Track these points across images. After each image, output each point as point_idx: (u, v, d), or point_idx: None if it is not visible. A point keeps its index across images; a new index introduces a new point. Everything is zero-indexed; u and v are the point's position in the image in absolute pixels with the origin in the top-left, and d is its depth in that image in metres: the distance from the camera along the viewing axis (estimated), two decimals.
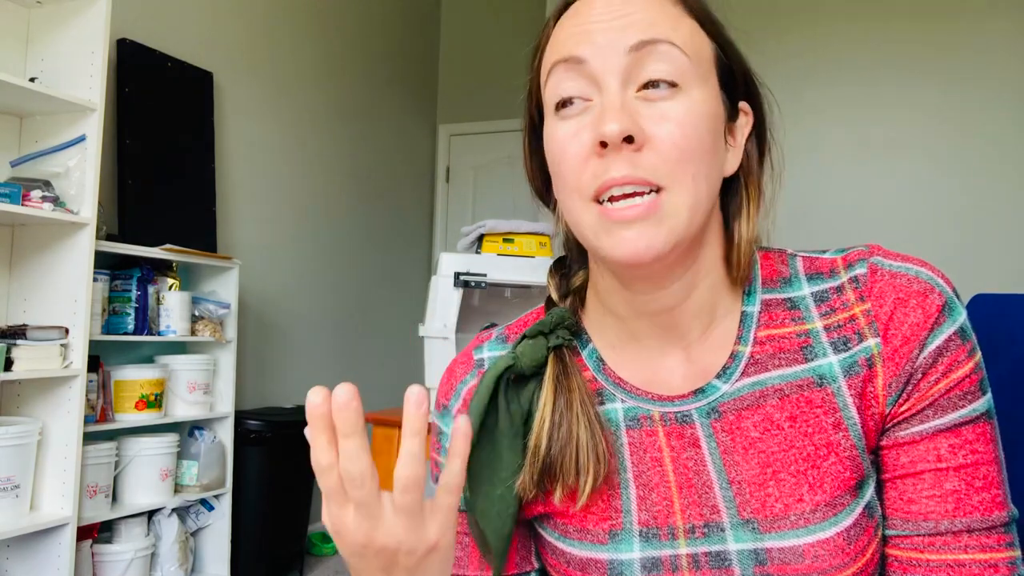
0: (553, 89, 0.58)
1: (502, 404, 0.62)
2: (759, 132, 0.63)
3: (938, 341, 0.56)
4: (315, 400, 0.47)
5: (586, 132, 0.55)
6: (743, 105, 0.62)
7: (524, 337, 0.64)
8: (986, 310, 1.14)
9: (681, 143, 0.54)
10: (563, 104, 0.57)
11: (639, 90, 0.55)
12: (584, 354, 0.66)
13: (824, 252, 0.64)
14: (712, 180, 0.57)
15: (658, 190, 0.54)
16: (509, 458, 0.62)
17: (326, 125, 3.74)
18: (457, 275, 1.81)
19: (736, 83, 0.60)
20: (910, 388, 0.57)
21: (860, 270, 0.60)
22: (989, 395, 0.58)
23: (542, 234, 1.98)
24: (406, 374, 4.31)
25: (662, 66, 0.55)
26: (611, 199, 0.55)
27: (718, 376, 0.61)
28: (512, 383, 0.62)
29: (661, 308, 0.61)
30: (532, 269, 1.90)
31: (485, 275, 1.83)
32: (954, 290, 0.58)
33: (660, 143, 0.54)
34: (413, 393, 0.48)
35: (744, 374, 0.60)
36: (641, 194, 0.54)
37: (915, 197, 2.93)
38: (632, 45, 0.55)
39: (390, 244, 4.25)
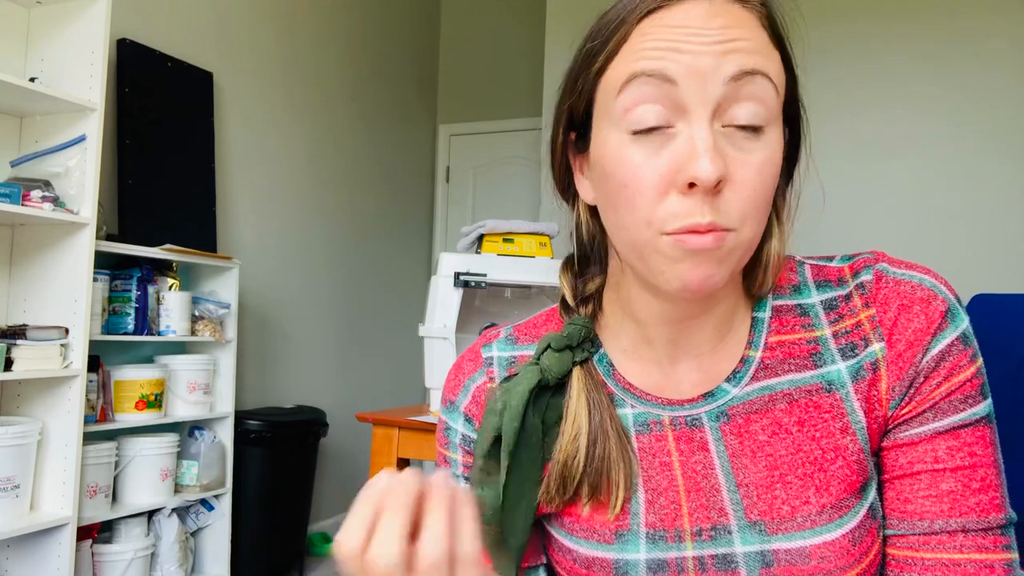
0: (630, 104, 0.53)
1: (529, 416, 0.62)
2: (791, 153, 0.63)
3: (941, 346, 0.57)
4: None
5: (666, 164, 0.53)
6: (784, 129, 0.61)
7: (548, 347, 0.63)
8: (986, 310, 1.14)
9: (759, 189, 0.53)
10: (640, 126, 0.54)
11: (725, 125, 0.53)
12: (594, 359, 0.66)
13: (831, 260, 0.65)
14: (767, 216, 0.57)
15: (727, 230, 0.53)
16: (533, 470, 0.62)
17: (326, 125, 3.74)
18: (457, 275, 1.81)
19: (788, 109, 0.60)
20: (912, 391, 0.58)
21: (866, 277, 0.61)
22: (989, 400, 0.58)
23: (542, 234, 1.98)
24: (406, 374, 4.31)
25: (754, 106, 0.53)
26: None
27: (728, 380, 0.62)
28: (535, 394, 0.63)
29: (686, 315, 0.61)
30: (532, 269, 1.90)
31: (485, 275, 1.83)
32: (957, 297, 0.59)
33: (740, 188, 0.53)
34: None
35: (754, 378, 0.61)
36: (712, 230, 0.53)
37: (915, 197, 2.93)
38: (733, 75, 0.51)
39: (390, 244, 4.25)
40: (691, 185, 0.52)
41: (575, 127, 0.62)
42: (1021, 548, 0.58)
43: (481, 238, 1.96)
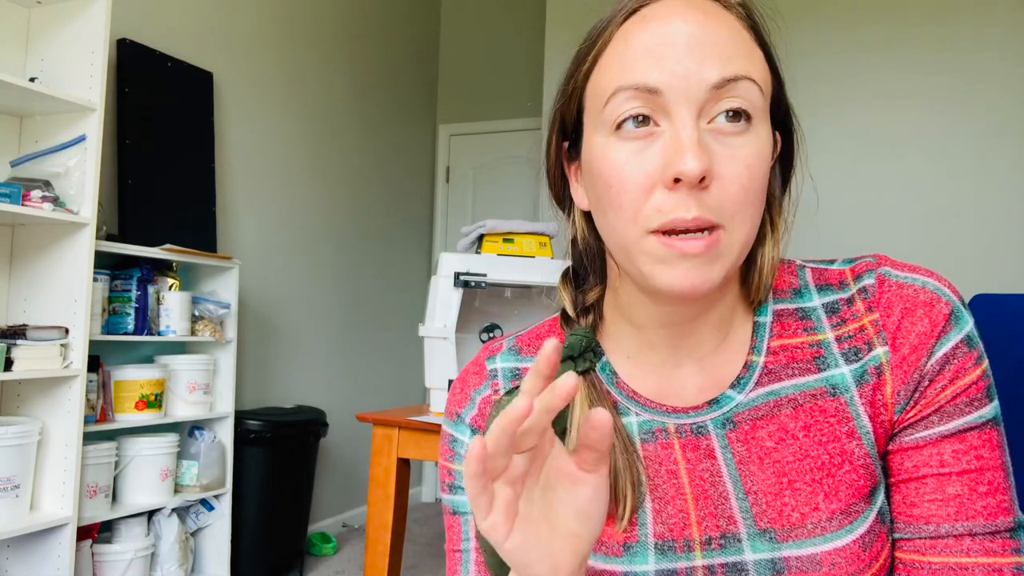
0: (616, 110, 0.55)
1: None
2: (786, 161, 0.63)
3: (945, 348, 0.57)
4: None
5: (652, 161, 0.54)
6: (775, 135, 0.61)
7: None
8: (987, 310, 1.14)
9: (748, 185, 0.53)
10: (624, 124, 0.55)
11: (710, 122, 0.54)
12: (597, 368, 0.65)
13: (832, 263, 0.64)
14: (760, 215, 0.57)
15: (716, 227, 0.53)
16: None
17: (326, 125, 3.74)
18: (457, 275, 1.81)
19: (777, 113, 0.60)
20: (917, 395, 0.57)
21: (868, 281, 0.60)
22: (996, 402, 0.58)
23: (542, 234, 1.98)
24: (406, 374, 4.31)
25: (739, 102, 0.53)
26: (672, 231, 0.54)
27: (732, 386, 0.61)
28: None
29: (684, 319, 0.61)
30: (532, 269, 1.90)
31: (485, 275, 1.83)
32: (961, 299, 0.59)
33: (729, 184, 0.53)
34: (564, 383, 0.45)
35: (758, 384, 0.61)
36: (701, 229, 0.53)
37: (916, 196, 2.93)
38: (714, 83, 0.52)
39: (390, 244, 4.25)
40: (677, 181, 0.52)
41: (567, 135, 0.63)
42: None
43: (481, 238, 1.96)
